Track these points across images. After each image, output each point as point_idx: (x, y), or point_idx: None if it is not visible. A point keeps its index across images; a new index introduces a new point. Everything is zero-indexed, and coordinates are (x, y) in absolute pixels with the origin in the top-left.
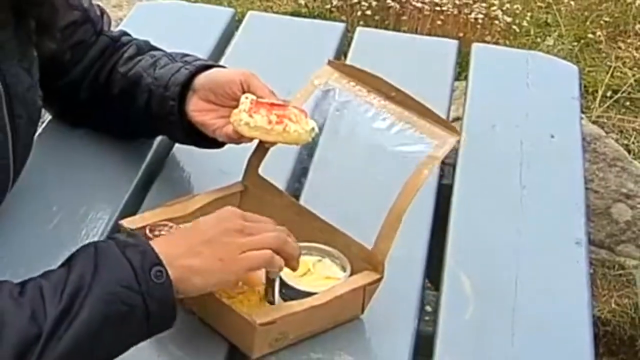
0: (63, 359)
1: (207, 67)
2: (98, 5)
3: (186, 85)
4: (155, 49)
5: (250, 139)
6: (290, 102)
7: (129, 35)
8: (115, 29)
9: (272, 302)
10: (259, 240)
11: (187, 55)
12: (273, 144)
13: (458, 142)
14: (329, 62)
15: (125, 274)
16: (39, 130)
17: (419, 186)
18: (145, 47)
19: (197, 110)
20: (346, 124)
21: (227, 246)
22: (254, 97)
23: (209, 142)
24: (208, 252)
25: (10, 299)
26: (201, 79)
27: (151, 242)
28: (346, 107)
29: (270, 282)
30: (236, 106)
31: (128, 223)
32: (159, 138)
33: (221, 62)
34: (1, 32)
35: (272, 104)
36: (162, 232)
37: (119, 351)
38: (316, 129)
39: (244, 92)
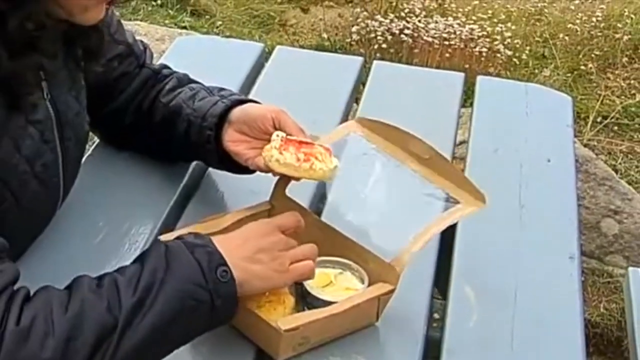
0: (138, 348)
1: (242, 101)
2: (141, 41)
3: (223, 117)
4: (194, 81)
5: (279, 174)
6: (318, 139)
7: (169, 68)
8: (158, 60)
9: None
10: (301, 253)
11: (223, 89)
12: (299, 179)
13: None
14: (358, 120)
15: (194, 273)
16: (88, 152)
17: (440, 230)
18: (184, 80)
19: (232, 140)
20: (370, 162)
21: (280, 259)
22: (284, 135)
23: (241, 169)
24: (266, 261)
25: (89, 291)
26: (236, 112)
27: (215, 242)
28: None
29: (301, 295)
30: (268, 140)
31: (166, 238)
32: (194, 162)
33: (252, 92)
34: (53, 62)
35: (301, 142)
36: None
37: (184, 341)
38: (339, 167)
39: (275, 128)
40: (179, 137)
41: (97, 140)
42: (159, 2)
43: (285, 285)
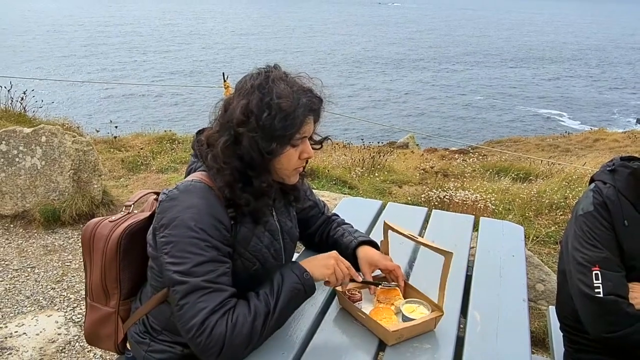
0: (278, 317)
1: (365, 242)
2: (323, 201)
3: (355, 248)
4: (346, 223)
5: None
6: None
7: (337, 215)
8: (332, 210)
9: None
10: (344, 267)
11: (357, 231)
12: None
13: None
14: (385, 223)
15: (294, 278)
16: (299, 253)
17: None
18: (342, 223)
19: (359, 260)
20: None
21: (331, 265)
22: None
23: None
24: (326, 266)
25: (255, 299)
26: (360, 249)
27: (302, 262)
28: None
29: (400, 316)
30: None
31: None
32: None
33: (377, 222)
34: (277, 203)
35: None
36: (352, 292)
37: (294, 310)
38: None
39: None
40: (339, 252)
41: (303, 248)
42: (332, 182)
43: (330, 274)
